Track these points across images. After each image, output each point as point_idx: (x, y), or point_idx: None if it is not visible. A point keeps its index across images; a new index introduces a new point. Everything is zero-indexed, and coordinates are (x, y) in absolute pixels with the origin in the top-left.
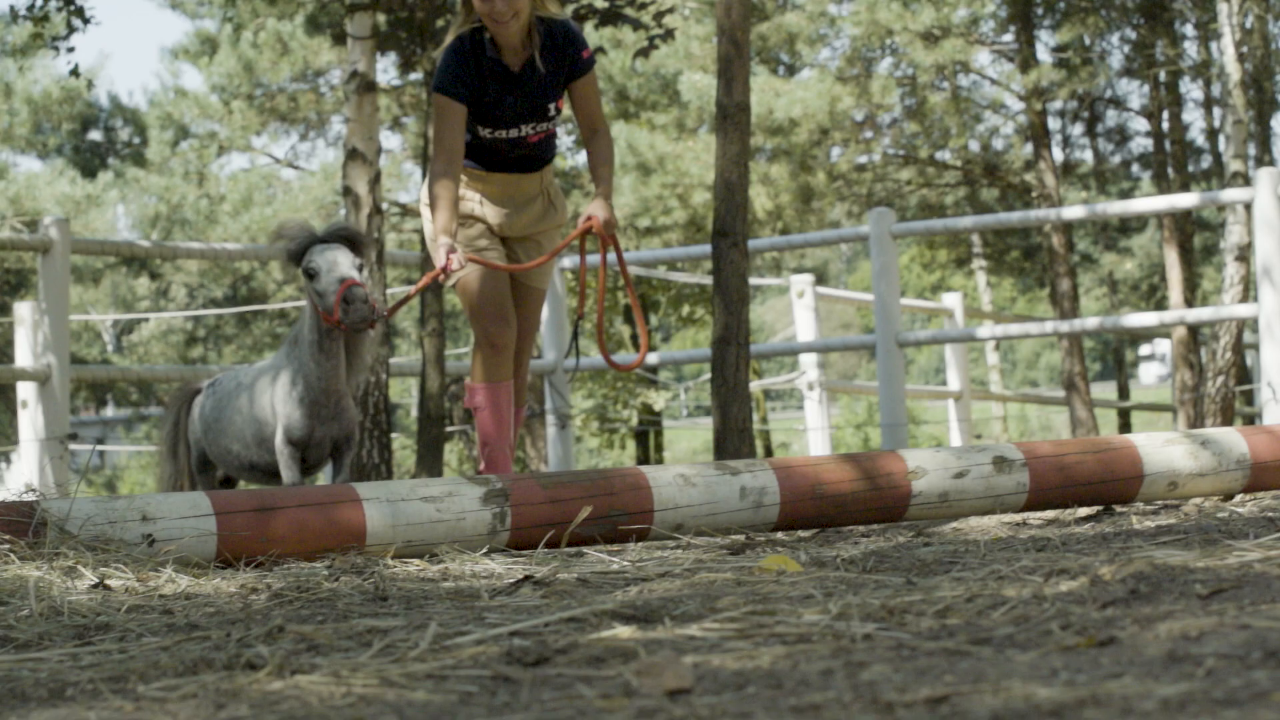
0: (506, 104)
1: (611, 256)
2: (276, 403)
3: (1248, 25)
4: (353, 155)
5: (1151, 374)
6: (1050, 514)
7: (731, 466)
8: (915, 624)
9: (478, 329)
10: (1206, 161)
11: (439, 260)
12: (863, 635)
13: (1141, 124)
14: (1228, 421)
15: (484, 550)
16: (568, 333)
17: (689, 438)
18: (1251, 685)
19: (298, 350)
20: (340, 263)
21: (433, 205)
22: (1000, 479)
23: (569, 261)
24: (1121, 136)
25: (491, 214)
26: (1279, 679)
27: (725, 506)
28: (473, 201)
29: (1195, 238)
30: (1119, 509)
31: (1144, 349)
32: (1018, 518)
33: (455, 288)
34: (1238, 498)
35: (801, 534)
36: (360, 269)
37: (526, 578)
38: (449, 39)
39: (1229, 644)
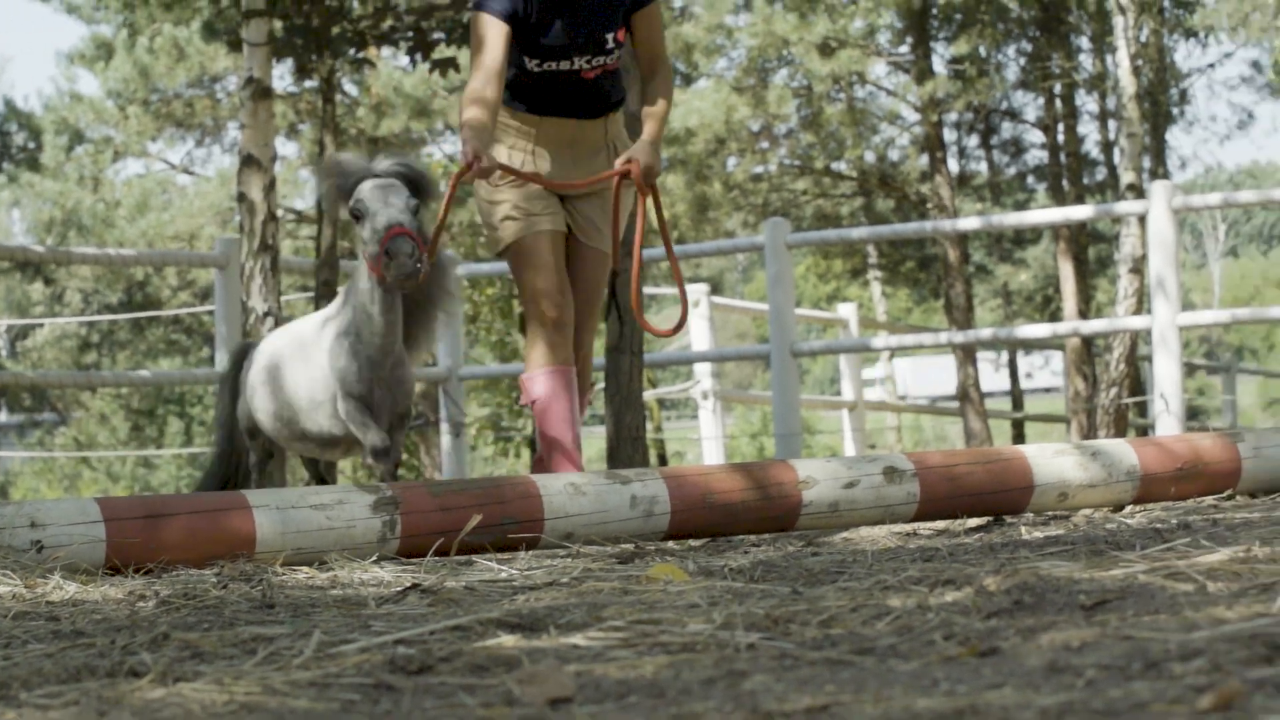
0: (555, 30)
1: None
2: (329, 356)
3: (1143, 38)
4: (248, 161)
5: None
6: (941, 524)
7: (622, 475)
8: (799, 634)
9: (533, 305)
10: (1101, 174)
11: (464, 154)
12: (746, 645)
13: (1037, 136)
14: (1121, 433)
15: (374, 558)
16: (463, 338)
17: (584, 446)
18: (1131, 696)
19: (353, 298)
20: (392, 204)
21: (463, 107)
22: (890, 489)
23: (474, 269)
24: (1017, 148)
25: (545, 167)
26: (1159, 690)
27: (616, 515)
28: (523, 153)
29: (1090, 250)
30: (1009, 519)
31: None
32: (908, 528)
33: (506, 257)
34: (1127, 509)
35: (692, 543)
36: (416, 212)
37: (414, 586)
38: None
39: (1110, 655)
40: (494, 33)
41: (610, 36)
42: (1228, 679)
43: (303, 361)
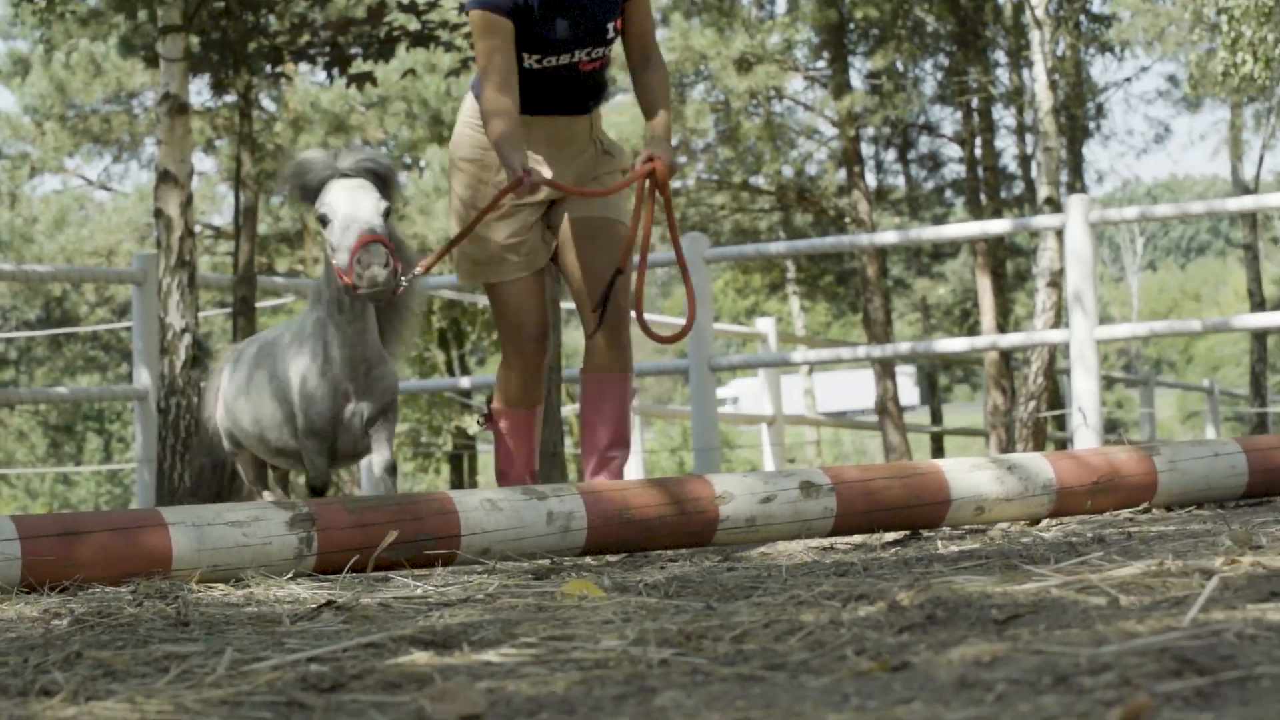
0: (558, 22)
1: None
2: (295, 377)
3: (1059, 53)
4: (165, 178)
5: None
6: (858, 538)
7: (539, 491)
8: (712, 649)
9: (508, 344)
10: (1019, 188)
11: (513, 169)
12: (659, 661)
13: (954, 150)
14: (1039, 446)
15: (290, 574)
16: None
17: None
18: (1040, 710)
19: (316, 311)
20: (361, 207)
21: (487, 120)
22: (807, 504)
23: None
24: (934, 163)
25: (538, 165)
26: (1068, 704)
27: (532, 531)
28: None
29: (1008, 264)
30: (926, 533)
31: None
32: (825, 542)
33: (488, 290)
34: (1044, 522)
35: (609, 558)
36: (387, 215)
37: (329, 603)
38: None
39: (1020, 669)
40: (501, 32)
41: (611, 26)
42: (1137, 693)
43: (272, 378)
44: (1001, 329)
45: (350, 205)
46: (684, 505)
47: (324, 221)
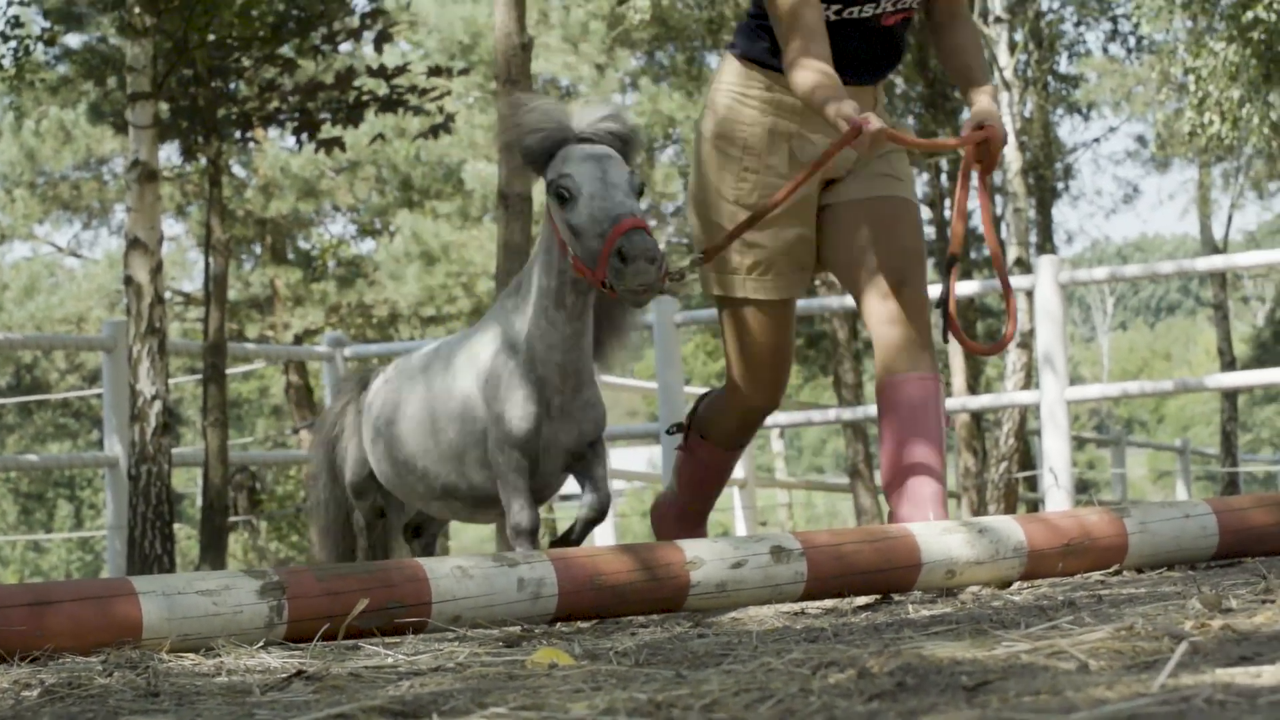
0: None
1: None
2: (485, 386)
3: (1027, 114)
4: (134, 244)
5: None
6: (829, 603)
7: (509, 558)
8: (682, 718)
9: (743, 378)
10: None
11: (846, 117)
12: None
13: (924, 212)
14: (1011, 507)
15: (260, 643)
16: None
17: (476, 527)
18: None
19: (521, 301)
20: (615, 184)
21: (793, 71)
22: (778, 569)
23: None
24: None
25: (810, 154)
26: None
27: (503, 598)
28: (790, 125)
29: (978, 325)
30: (897, 597)
31: None
32: (796, 607)
33: (726, 306)
34: (1015, 585)
35: (580, 625)
36: (640, 193)
37: (299, 672)
38: None
39: None
40: None
41: None
42: None
43: (445, 391)
44: (972, 390)
45: (599, 181)
46: (655, 571)
47: (561, 198)
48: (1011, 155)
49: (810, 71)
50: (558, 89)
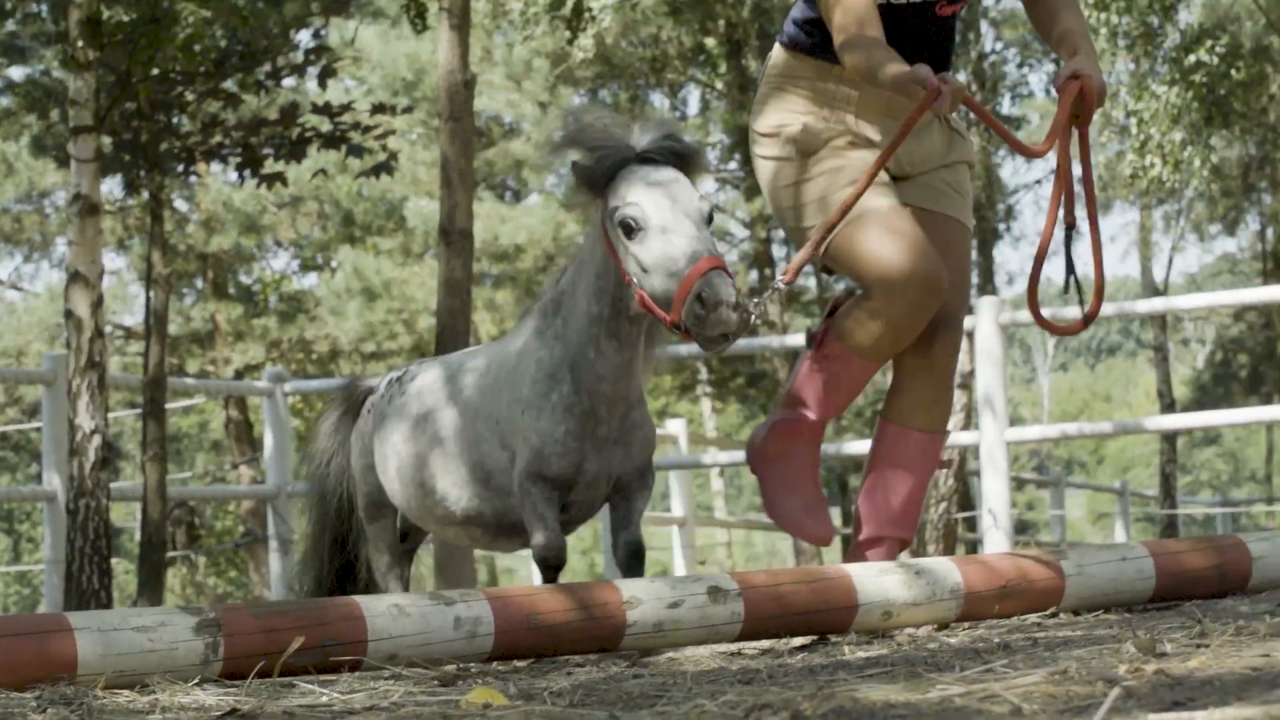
0: None
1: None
2: (523, 416)
3: None
4: (75, 278)
5: None
6: (766, 643)
7: (446, 596)
8: None
9: (888, 286)
10: None
11: (921, 80)
12: None
13: None
14: (950, 548)
15: (195, 680)
16: (292, 455)
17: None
18: None
19: (563, 325)
20: (687, 213)
21: (848, 53)
22: (715, 609)
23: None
24: None
25: (870, 136)
26: None
27: (439, 636)
28: (842, 117)
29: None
30: (834, 638)
31: None
32: (733, 647)
33: (847, 248)
34: (951, 627)
35: (517, 664)
36: (710, 219)
37: (233, 710)
38: None
39: None
40: None
41: None
42: None
43: (475, 413)
44: None
45: (670, 211)
46: (592, 610)
47: (628, 229)
48: None
49: (867, 48)
50: (500, 125)
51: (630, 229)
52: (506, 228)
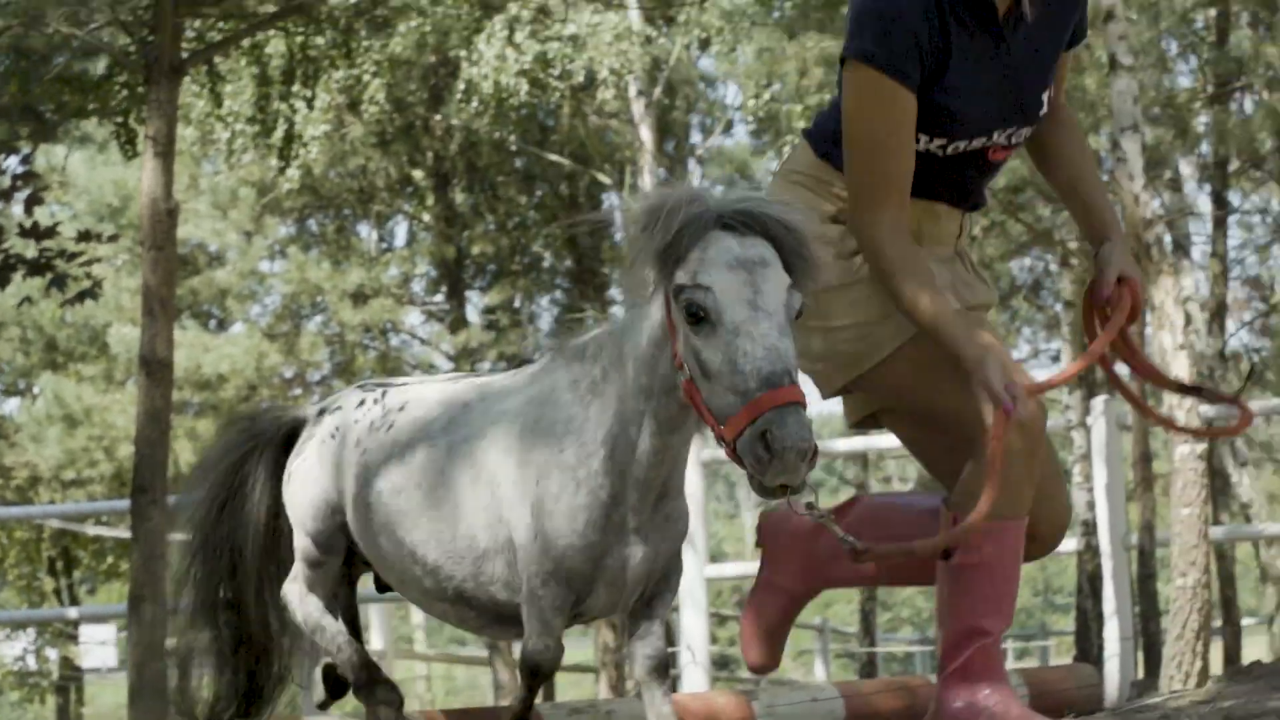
0: (981, 91)
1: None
2: (535, 500)
3: None
4: None
5: None
6: None
7: None
8: None
9: (976, 409)
10: None
11: (995, 394)
12: None
13: None
14: None
15: None
16: None
17: (116, 692)
18: None
19: (603, 399)
20: (768, 310)
21: (892, 279)
22: None
23: None
24: None
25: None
26: None
27: None
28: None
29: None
30: None
31: None
32: None
33: (890, 367)
34: None
35: None
36: (799, 313)
37: None
38: None
39: None
40: (898, 111)
41: (1046, 96)
42: None
43: (477, 476)
44: None
45: (748, 305)
46: None
47: (693, 316)
48: None
49: (926, 297)
50: (206, 253)
51: (697, 318)
52: (210, 356)
